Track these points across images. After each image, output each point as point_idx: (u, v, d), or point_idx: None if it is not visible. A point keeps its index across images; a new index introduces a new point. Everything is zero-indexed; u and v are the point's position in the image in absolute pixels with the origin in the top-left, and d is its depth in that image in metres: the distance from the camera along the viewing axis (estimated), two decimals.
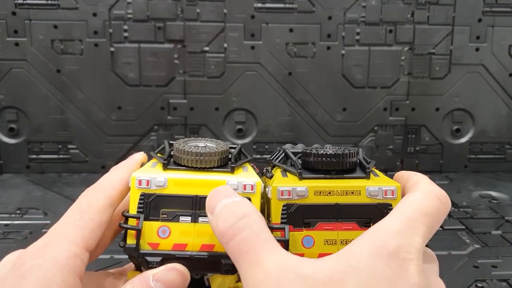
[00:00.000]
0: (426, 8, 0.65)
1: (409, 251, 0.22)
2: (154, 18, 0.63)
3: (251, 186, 0.28)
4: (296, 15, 0.64)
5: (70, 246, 0.24)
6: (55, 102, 0.64)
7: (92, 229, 0.26)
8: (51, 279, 0.23)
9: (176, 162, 0.29)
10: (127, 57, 0.64)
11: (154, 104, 0.65)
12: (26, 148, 0.66)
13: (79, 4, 0.62)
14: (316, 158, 0.29)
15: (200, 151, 0.29)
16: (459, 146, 0.69)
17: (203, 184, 0.28)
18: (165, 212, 0.28)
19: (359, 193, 0.28)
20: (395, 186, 0.28)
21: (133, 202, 0.28)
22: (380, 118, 0.67)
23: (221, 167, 0.29)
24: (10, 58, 0.63)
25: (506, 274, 0.39)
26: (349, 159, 0.29)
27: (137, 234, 0.27)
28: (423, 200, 0.25)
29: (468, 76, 0.67)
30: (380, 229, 0.23)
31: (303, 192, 0.27)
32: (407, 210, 0.24)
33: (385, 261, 0.21)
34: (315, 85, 0.66)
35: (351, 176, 0.29)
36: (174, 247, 0.27)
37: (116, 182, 0.28)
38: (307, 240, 0.27)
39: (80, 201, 0.27)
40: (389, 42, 0.65)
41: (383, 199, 0.28)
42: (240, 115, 0.67)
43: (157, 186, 0.28)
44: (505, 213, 0.52)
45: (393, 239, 0.22)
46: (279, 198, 0.28)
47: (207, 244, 0.27)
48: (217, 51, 0.64)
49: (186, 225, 0.27)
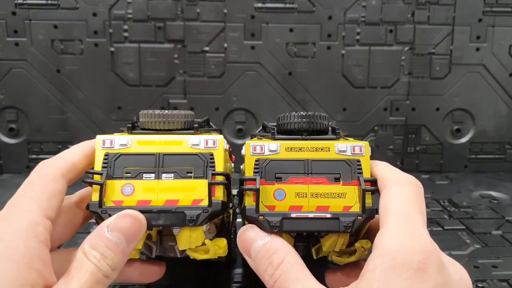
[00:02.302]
0: (426, 8, 0.65)
1: (422, 251, 0.23)
2: (154, 18, 0.63)
3: (213, 141, 0.29)
4: (296, 15, 0.64)
5: (28, 216, 0.25)
6: (55, 102, 0.64)
7: (47, 198, 0.26)
8: (15, 248, 0.23)
9: (143, 128, 0.30)
10: (127, 57, 0.64)
11: (154, 104, 0.65)
12: (26, 148, 0.66)
13: (79, 4, 0.62)
14: (289, 120, 0.30)
15: (164, 113, 0.30)
16: (459, 146, 0.69)
17: (165, 143, 0.29)
18: (128, 171, 0.28)
19: (328, 149, 0.29)
20: (363, 143, 0.29)
21: (97, 162, 0.28)
22: (380, 118, 0.67)
23: (186, 130, 0.30)
24: (10, 58, 0.63)
25: (506, 274, 0.39)
26: (320, 121, 0.30)
27: (100, 190, 0.27)
28: (403, 193, 0.26)
29: (468, 76, 0.67)
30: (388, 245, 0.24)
31: (275, 147, 0.29)
32: (401, 212, 0.25)
33: (398, 274, 0.22)
34: (315, 85, 0.66)
35: (322, 137, 0.30)
36: (138, 203, 0.28)
37: (68, 155, 0.29)
38: (278, 193, 0.28)
39: (30, 175, 0.27)
40: (389, 42, 0.65)
41: (351, 155, 0.29)
42: (240, 115, 0.67)
43: (120, 145, 0.29)
44: (506, 213, 0.52)
45: (402, 249, 0.23)
46: (251, 153, 0.29)
47: (170, 199, 0.28)
48: (217, 51, 0.64)
49: (149, 182, 0.28)
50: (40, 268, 0.23)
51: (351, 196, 0.28)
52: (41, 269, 0.23)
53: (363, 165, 0.29)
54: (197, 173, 0.28)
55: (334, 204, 0.28)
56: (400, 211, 0.25)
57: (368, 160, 0.29)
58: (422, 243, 0.23)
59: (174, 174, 0.28)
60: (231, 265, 0.39)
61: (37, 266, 0.23)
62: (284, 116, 0.31)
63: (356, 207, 0.28)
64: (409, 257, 0.22)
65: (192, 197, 0.28)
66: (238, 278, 0.37)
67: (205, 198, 0.28)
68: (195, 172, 0.28)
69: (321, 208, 0.28)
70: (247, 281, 0.37)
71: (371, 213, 0.28)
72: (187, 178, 0.28)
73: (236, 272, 0.38)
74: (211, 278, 0.37)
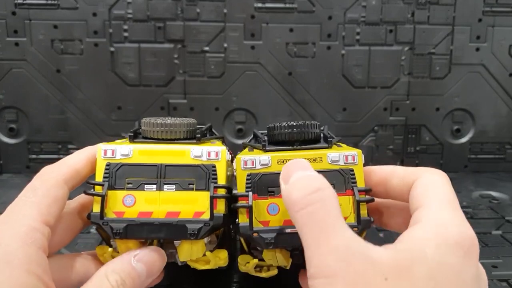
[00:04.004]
0: (426, 8, 0.65)
1: (470, 237, 0.23)
2: (154, 18, 0.63)
3: (215, 153, 0.29)
4: (296, 15, 0.64)
5: (27, 221, 0.25)
6: (55, 102, 0.64)
7: (48, 204, 0.26)
8: (13, 253, 0.23)
9: (144, 137, 0.30)
10: (127, 57, 0.64)
11: (154, 104, 0.65)
12: (26, 148, 0.66)
13: (79, 4, 0.62)
14: (279, 131, 0.30)
15: (166, 122, 0.29)
16: (459, 146, 0.69)
17: (167, 153, 0.28)
18: (130, 181, 0.28)
19: (321, 160, 0.28)
20: (356, 152, 0.29)
21: (99, 172, 0.28)
22: (380, 118, 0.67)
23: (188, 139, 0.30)
24: (10, 58, 0.63)
25: (506, 274, 0.39)
26: (311, 130, 0.30)
27: (102, 201, 0.27)
28: (440, 179, 0.26)
29: (468, 76, 0.67)
30: (437, 219, 0.23)
31: (266, 161, 0.28)
32: (443, 195, 0.25)
33: (452, 251, 0.22)
34: (315, 85, 0.66)
35: (314, 146, 0.29)
36: (140, 215, 0.27)
37: (71, 161, 0.29)
38: (272, 208, 0.28)
39: (33, 180, 0.27)
40: (389, 42, 0.65)
41: (344, 164, 0.28)
42: (240, 115, 0.67)
43: (122, 155, 0.28)
44: (506, 213, 0.52)
45: (454, 228, 0.23)
46: (243, 168, 0.28)
47: (172, 211, 0.28)
48: (217, 51, 0.64)
49: (151, 193, 0.28)
50: (39, 273, 0.23)
51: (346, 207, 0.28)
52: (40, 274, 0.23)
53: (357, 174, 0.28)
54: (199, 185, 0.28)
55: None
56: (442, 194, 0.25)
57: (361, 169, 0.29)
58: (470, 230, 0.23)
59: (176, 186, 0.28)
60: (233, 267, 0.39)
61: (36, 271, 0.23)
62: (274, 126, 0.30)
63: (352, 218, 0.27)
64: (461, 239, 0.22)
65: (193, 209, 0.28)
66: (238, 279, 0.37)
67: (206, 211, 0.28)
68: (197, 184, 0.28)
69: None
70: (247, 282, 0.37)
71: (367, 224, 0.27)
72: (189, 190, 0.28)
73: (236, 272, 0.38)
74: (211, 278, 0.37)
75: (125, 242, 0.28)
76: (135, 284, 0.26)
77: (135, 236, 0.27)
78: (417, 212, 0.24)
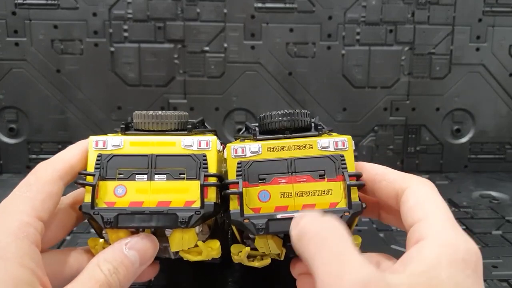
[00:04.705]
0: (426, 8, 0.65)
1: (476, 253, 0.23)
2: (154, 18, 0.63)
3: (206, 142, 0.29)
4: (296, 15, 0.64)
5: (20, 216, 0.25)
6: (55, 102, 0.64)
7: (42, 199, 0.26)
8: (5, 247, 0.23)
9: (136, 129, 0.30)
10: (127, 57, 0.64)
11: (154, 104, 0.65)
12: (26, 148, 0.66)
13: (79, 4, 0.62)
14: (270, 119, 0.30)
15: (157, 114, 0.30)
16: (459, 146, 0.69)
17: (158, 143, 0.29)
18: (121, 172, 0.28)
19: (311, 146, 0.29)
20: (346, 138, 0.29)
21: (90, 163, 0.28)
22: (380, 118, 0.67)
23: (179, 131, 0.30)
24: (10, 58, 0.63)
25: (506, 274, 0.39)
26: (302, 118, 0.30)
27: (92, 191, 0.27)
28: (431, 191, 0.26)
29: (468, 76, 0.67)
30: (443, 237, 0.23)
31: (256, 148, 0.28)
32: (440, 210, 0.25)
33: (462, 269, 0.22)
34: (315, 85, 0.66)
35: (304, 134, 0.30)
36: (131, 205, 0.28)
37: (66, 156, 0.29)
38: (263, 195, 0.28)
39: (28, 176, 0.27)
40: (389, 42, 0.65)
41: (334, 150, 0.29)
42: (240, 115, 0.67)
43: (113, 146, 0.29)
44: (506, 213, 0.52)
45: (461, 246, 0.23)
46: (233, 156, 0.29)
47: (163, 201, 0.28)
48: (217, 51, 0.64)
49: (142, 183, 0.28)
50: (32, 267, 0.23)
51: (337, 192, 0.28)
52: (33, 267, 0.23)
53: (347, 159, 0.28)
54: (190, 175, 0.28)
55: (320, 201, 0.28)
56: (438, 208, 0.25)
57: (352, 155, 0.29)
58: (474, 245, 0.23)
59: (166, 175, 0.28)
60: (229, 263, 0.39)
61: (29, 264, 0.23)
62: (265, 116, 0.30)
63: (343, 203, 0.28)
64: (469, 256, 0.22)
65: (184, 198, 0.28)
66: (236, 277, 0.37)
67: (197, 200, 0.28)
68: (188, 173, 0.28)
69: (307, 207, 0.28)
70: (245, 280, 0.37)
71: (358, 207, 0.28)
72: (179, 180, 0.28)
73: (233, 270, 0.38)
74: (209, 277, 0.37)
75: (116, 232, 0.28)
76: (129, 272, 0.25)
77: (126, 225, 0.27)
78: (418, 227, 0.24)
